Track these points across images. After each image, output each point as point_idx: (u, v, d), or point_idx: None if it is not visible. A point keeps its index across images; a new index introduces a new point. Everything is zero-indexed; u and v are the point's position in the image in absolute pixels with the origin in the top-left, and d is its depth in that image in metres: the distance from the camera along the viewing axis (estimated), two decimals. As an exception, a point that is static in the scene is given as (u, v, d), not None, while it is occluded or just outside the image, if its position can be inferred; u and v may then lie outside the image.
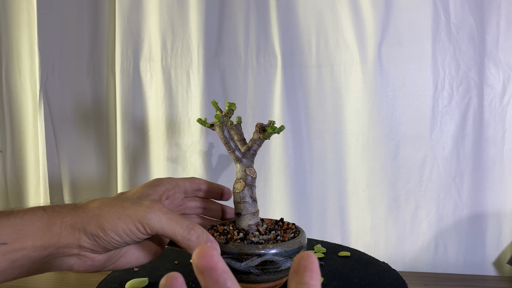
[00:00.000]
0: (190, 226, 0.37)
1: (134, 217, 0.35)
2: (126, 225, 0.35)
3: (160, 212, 0.36)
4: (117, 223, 0.35)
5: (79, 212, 0.35)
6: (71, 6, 0.82)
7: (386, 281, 0.51)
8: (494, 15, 0.70)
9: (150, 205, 0.36)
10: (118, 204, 0.36)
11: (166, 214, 0.37)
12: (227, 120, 0.49)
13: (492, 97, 0.71)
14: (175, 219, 0.37)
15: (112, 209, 0.35)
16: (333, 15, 0.74)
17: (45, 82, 0.82)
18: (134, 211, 0.36)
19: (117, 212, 0.35)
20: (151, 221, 0.36)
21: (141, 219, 0.36)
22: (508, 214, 0.72)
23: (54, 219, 0.34)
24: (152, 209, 0.36)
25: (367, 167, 0.75)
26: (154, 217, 0.36)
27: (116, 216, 0.35)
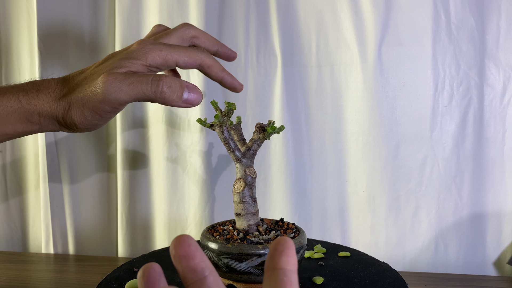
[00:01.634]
0: (155, 79, 0.34)
1: (96, 101, 0.33)
2: (94, 112, 0.34)
3: (116, 82, 0.33)
4: (84, 114, 0.34)
5: (52, 105, 0.34)
6: (71, 6, 0.82)
7: (386, 281, 0.51)
8: (494, 15, 0.69)
9: (103, 80, 0.33)
10: (84, 86, 0.34)
11: (124, 80, 0.33)
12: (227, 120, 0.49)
13: (492, 97, 0.71)
14: (136, 80, 0.34)
15: (76, 96, 0.34)
16: (333, 15, 0.74)
17: (45, 82, 0.82)
18: (92, 95, 0.33)
19: (80, 99, 0.34)
20: (113, 96, 0.33)
21: (103, 100, 0.33)
22: (509, 214, 0.72)
23: (31, 112, 0.34)
24: (107, 84, 0.33)
25: (367, 167, 0.75)
26: (113, 90, 0.33)
27: (80, 105, 0.34)
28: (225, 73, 0.42)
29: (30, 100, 0.34)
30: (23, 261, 0.81)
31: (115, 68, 0.35)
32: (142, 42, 0.36)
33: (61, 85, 0.35)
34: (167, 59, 0.36)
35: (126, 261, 0.59)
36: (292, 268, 0.25)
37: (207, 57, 0.40)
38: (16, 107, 0.34)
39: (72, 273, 0.75)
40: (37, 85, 0.35)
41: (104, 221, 0.87)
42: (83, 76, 0.36)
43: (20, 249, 0.90)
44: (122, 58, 0.35)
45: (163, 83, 0.34)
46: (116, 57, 0.36)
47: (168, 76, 0.35)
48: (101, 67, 0.35)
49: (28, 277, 0.72)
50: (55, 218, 0.86)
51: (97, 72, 0.35)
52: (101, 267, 0.77)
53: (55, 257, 0.84)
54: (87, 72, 0.36)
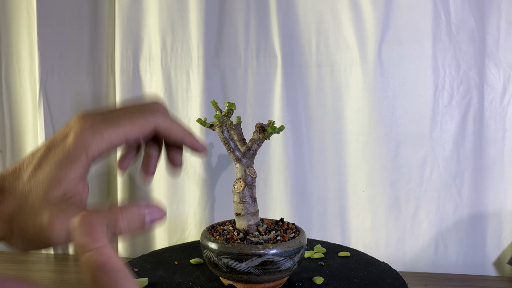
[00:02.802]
0: (111, 224, 0.27)
1: (38, 239, 0.28)
2: (35, 245, 0.29)
3: (62, 230, 0.28)
4: (27, 244, 0.29)
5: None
6: (71, 6, 0.82)
7: (386, 281, 0.51)
8: (494, 15, 0.69)
9: (50, 223, 0.28)
10: (27, 212, 0.29)
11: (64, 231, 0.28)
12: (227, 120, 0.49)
13: (492, 97, 0.71)
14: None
15: (20, 223, 0.28)
16: (333, 15, 0.74)
17: (45, 82, 0.82)
18: (36, 231, 0.28)
19: (24, 230, 0.28)
20: (58, 243, 0.28)
21: (46, 241, 0.28)
22: (509, 214, 0.72)
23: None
24: (52, 230, 0.28)
25: (367, 167, 0.75)
26: (59, 240, 0.28)
27: (23, 237, 0.29)
28: (185, 133, 0.33)
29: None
30: (23, 261, 0.80)
31: (52, 191, 0.29)
32: (80, 129, 0.29)
33: (2, 204, 0.29)
34: (111, 141, 0.29)
35: (126, 261, 0.59)
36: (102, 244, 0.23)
37: (161, 118, 0.31)
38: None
39: (72, 273, 0.75)
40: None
41: (104, 221, 0.87)
42: (21, 194, 0.29)
43: (20, 249, 0.90)
44: (57, 163, 0.29)
45: (120, 224, 0.27)
46: (51, 162, 0.29)
47: (124, 210, 0.28)
48: (37, 180, 0.29)
49: (28, 277, 0.72)
50: None
51: (33, 193, 0.29)
52: (101, 267, 0.77)
53: (55, 257, 0.83)
54: (24, 187, 0.29)
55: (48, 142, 0.30)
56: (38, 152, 0.30)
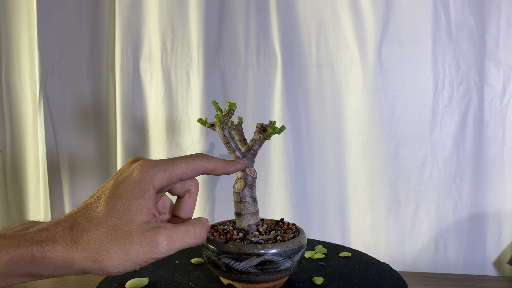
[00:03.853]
0: (199, 233, 0.36)
1: (145, 256, 0.33)
2: (135, 263, 0.33)
3: (170, 241, 0.33)
4: (124, 265, 0.32)
5: (75, 254, 0.32)
6: (71, 6, 0.82)
7: (386, 282, 0.51)
8: (494, 15, 0.69)
9: (157, 241, 0.33)
10: (123, 240, 0.33)
11: (178, 239, 0.34)
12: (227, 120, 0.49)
13: (492, 97, 0.71)
14: (186, 237, 0.35)
15: (117, 251, 0.32)
16: (333, 15, 0.74)
17: (45, 82, 0.82)
18: (144, 250, 0.33)
19: (124, 254, 0.32)
20: (165, 254, 0.34)
21: (154, 256, 0.33)
22: (508, 214, 0.72)
23: (46, 266, 0.31)
24: (161, 244, 0.33)
25: (367, 167, 0.75)
26: (167, 249, 0.33)
27: (123, 259, 0.32)
28: (228, 167, 0.41)
29: (46, 254, 0.31)
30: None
31: (141, 218, 0.34)
32: (143, 167, 0.35)
33: (75, 231, 0.33)
34: (171, 178, 0.36)
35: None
36: None
37: (208, 163, 0.38)
38: (28, 260, 0.30)
39: (72, 273, 0.75)
40: (51, 235, 0.32)
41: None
42: (104, 223, 0.33)
43: (20, 249, 0.90)
44: (135, 196, 0.34)
45: (203, 230, 0.36)
46: (127, 195, 0.34)
47: (200, 222, 0.37)
48: (119, 210, 0.33)
49: (28, 277, 0.72)
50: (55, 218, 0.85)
51: (120, 221, 0.33)
52: (101, 267, 0.77)
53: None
54: (105, 217, 0.33)
55: (113, 179, 0.35)
56: (103, 192, 0.35)
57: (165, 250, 0.33)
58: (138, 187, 0.34)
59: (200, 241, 0.36)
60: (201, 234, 0.36)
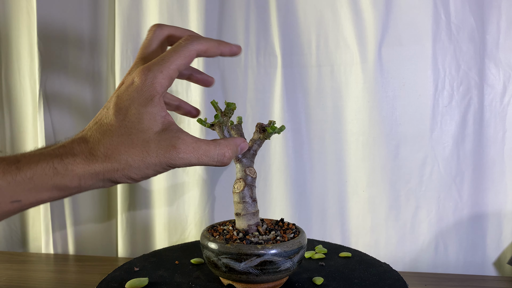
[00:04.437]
0: (220, 155, 0.36)
1: (161, 164, 0.34)
2: (154, 171, 0.34)
3: (187, 151, 0.34)
4: (145, 172, 0.34)
5: (96, 165, 0.33)
6: (71, 6, 0.82)
7: (386, 281, 0.51)
8: (494, 15, 0.69)
9: (175, 146, 0.34)
10: (140, 147, 0.33)
11: (194, 152, 0.35)
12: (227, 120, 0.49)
13: (492, 97, 0.71)
14: (204, 155, 0.35)
15: (136, 157, 0.33)
16: (333, 15, 0.74)
17: (45, 82, 0.82)
18: (161, 158, 0.34)
19: (144, 162, 0.33)
20: (179, 164, 0.35)
21: (168, 164, 0.34)
22: (509, 214, 0.72)
23: (71, 178, 0.32)
24: (179, 151, 0.34)
25: (367, 167, 0.75)
26: (182, 160, 0.34)
27: (143, 167, 0.34)
28: (221, 47, 0.39)
29: (67, 166, 0.32)
30: (23, 261, 0.81)
31: (155, 126, 0.34)
32: (141, 73, 0.35)
33: (90, 145, 0.34)
34: (170, 75, 0.35)
35: (127, 261, 0.59)
36: None
37: (198, 44, 0.37)
38: (51, 174, 0.32)
39: (72, 273, 0.75)
40: (69, 149, 0.33)
41: (104, 221, 0.87)
42: (118, 133, 0.34)
43: (20, 249, 0.90)
44: (141, 103, 0.34)
45: (227, 154, 0.36)
46: (135, 104, 0.34)
47: (228, 143, 0.37)
48: (131, 119, 0.34)
49: (28, 277, 0.72)
50: (55, 218, 0.86)
51: (134, 130, 0.34)
52: (101, 267, 0.77)
53: (55, 257, 0.83)
54: (118, 127, 0.34)
55: (115, 94, 0.35)
56: (108, 105, 0.35)
57: (179, 162, 0.34)
58: (142, 95, 0.34)
59: (219, 164, 0.36)
60: (221, 156, 0.36)
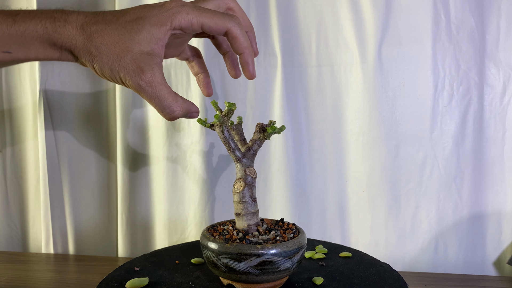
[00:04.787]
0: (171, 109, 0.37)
1: (122, 76, 0.35)
2: (112, 76, 0.36)
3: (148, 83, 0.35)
4: (105, 70, 0.35)
5: (78, 42, 0.35)
6: (71, 6, 0.82)
7: (386, 281, 0.51)
8: (494, 15, 0.69)
9: (142, 71, 0.35)
10: (119, 50, 0.35)
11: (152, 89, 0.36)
12: (227, 120, 0.49)
13: (492, 97, 0.71)
14: (158, 97, 0.36)
15: (109, 55, 0.35)
16: (333, 15, 0.74)
17: (45, 82, 0.82)
18: (125, 70, 0.35)
19: (110, 63, 0.35)
20: (133, 87, 0.36)
21: (126, 81, 0.35)
22: (508, 214, 0.72)
23: (55, 40, 0.34)
24: (141, 78, 0.35)
25: (367, 167, 0.75)
26: (138, 87, 0.35)
27: (108, 66, 0.35)
28: (247, 50, 0.40)
29: (56, 29, 0.34)
30: (23, 261, 0.81)
31: (145, 45, 0.35)
32: (171, 2, 0.37)
33: (90, 19, 0.35)
34: (192, 23, 0.36)
35: (127, 261, 0.59)
36: None
37: (235, 26, 0.38)
38: (41, 33, 0.34)
39: (72, 273, 0.75)
40: (65, 14, 0.35)
41: (104, 221, 0.87)
42: (115, 30, 0.35)
43: (20, 249, 0.90)
44: (152, 23, 0.36)
45: (176, 113, 0.37)
46: (147, 19, 0.36)
47: (185, 103, 0.38)
48: (133, 28, 0.35)
49: (28, 277, 0.72)
50: (55, 218, 0.86)
51: (128, 37, 0.35)
52: (101, 267, 0.77)
53: (55, 257, 0.84)
54: (120, 26, 0.35)
55: (142, 6, 0.37)
56: (132, 8, 0.37)
57: (135, 85, 0.35)
58: (157, 17, 0.36)
59: (164, 116, 0.37)
60: (171, 112, 0.37)
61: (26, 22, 0.34)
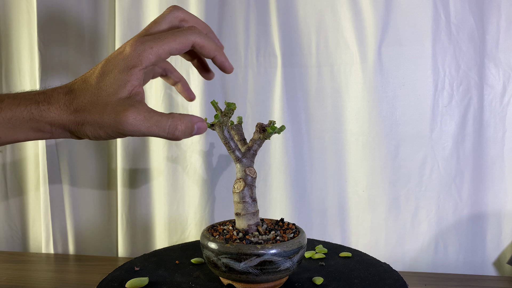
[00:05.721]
0: (172, 127, 0.37)
1: (113, 129, 0.36)
2: (106, 133, 0.36)
3: (136, 122, 0.35)
4: (98, 132, 0.36)
5: (64, 118, 0.36)
6: (71, 6, 0.82)
7: (386, 281, 0.51)
8: (494, 15, 0.69)
9: (123, 118, 0.35)
10: (100, 108, 0.36)
11: (144, 123, 0.36)
12: (227, 120, 0.49)
13: (492, 97, 0.71)
14: (154, 124, 0.36)
15: (94, 116, 0.35)
16: (333, 15, 0.74)
17: (45, 82, 0.82)
18: (111, 121, 0.35)
19: (98, 121, 0.36)
20: (130, 132, 0.36)
21: (120, 131, 0.36)
22: (508, 214, 0.72)
23: (43, 124, 0.36)
24: (128, 117, 0.35)
25: (367, 167, 0.75)
26: (131, 128, 0.36)
27: (97, 126, 0.36)
28: (217, 52, 0.41)
29: (42, 113, 0.36)
30: (23, 261, 0.81)
31: (121, 92, 0.36)
32: (133, 44, 0.37)
33: (69, 96, 0.37)
34: (159, 54, 0.37)
35: (127, 261, 0.59)
36: None
37: (198, 37, 0.39)
38: (28, 118, 0.35)
39: (72, 273, 0.75)
40: (48, 97, 0.37)
41: (104, 221, 0.87)
42: (92, 93, 0.36)
43: (20, 249, 0.90)
44: (121, 70, 0.36)
45: (178, 131, 0.37)
46: (115, 70, 0.36)
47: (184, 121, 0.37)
48: (106, 83, 0.36)
49: (28, 277, 0.72)
50: (55, 218, 0.86)
51: (103, 92, 0.36)
52: (101, 267, 0.77)
53: (55, 257, 0.84)
54: (94, 88, 0.37)
55: (106, 58, 0.37)
56: (98, 66, 0.38)
57: (129, 128, 0.35)
58: (125, 63, 0.36)
59: (170, 136, 0.37)
60: (173, 129, 0.37)
61: (12, 109, 0.35)
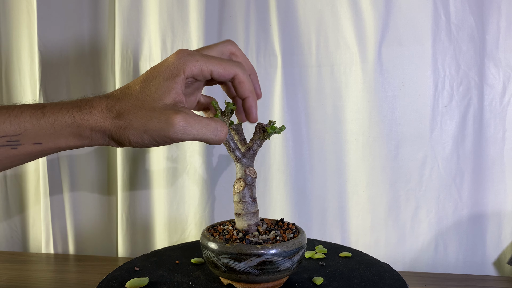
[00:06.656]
0: (219, 130, 0.38)
1: (160, 134, 0.36)
2: (153, 140, 0.36)
3: (186, 126, 0.36)
4: (142, 137, 0.36)
5: (106, 121, 0.36)
6: (71, 6, 0.82)
7: (386, 281, 0.51)
8: (494, 15, 0.69)
9: (173, 121, 0.35)
10: (146, 112, 0.36)
11: (194, 126, 0.36)
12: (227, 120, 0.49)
13: (492, 97, 0.71)
14: (205, 127, 0.37)
15: (140, 119, 0.36)
16: (333, 15, 0.74)
17: (45, 82, 0.82)
18: (161, 124, 0.36)
19: (144, 125, 0.36)
20: (179, 136, 0.36)
21: (168, 137, 0.36)
22: (508, 214, 0.72)
23: (84, 128, 0.36)
24: (176, 126, 0.35)
25: (367, 167, 0.75)
26: (181, 132, 0.36)
27: (142, 130, 0.36)
28: (251, 95, 0.42)
29: (83, 116, 0.36)
30: (23, 261, 0.81)
31: (167, 98, 0.37)
32: (180, 53, 0.38)
33: (112, 100, 0.37)
34: (202, 69, 0.38)
35: (127, 261, 0.59)
36: None
37: (242, 72, 0.40)
38: (70, 122, 0.36)
39: (72, 273, 0.75)
40: (89, 101, 0.37)
41: (104, 221, 0.87)
42: (136, 98, 0.37)
43: (20, 249, 0.90)
44: (165, 77, 0.37)
45: (224, 129, 0.39)
46: (160, 76, 0.37)
47: (222, 122, 0.39)
48: (150, 88, 0.37)
49: (28, 277, 0.72)
50: (55, 218, 0.86)
51: (148, 97, 0.37)
52: (101, 267, 0.77)
53: (55, 257, 0.84)
54: (138, 93, 0.37)
55: (151, 67, 0.39)
56: (142, 75, 0.39)
57: (179, 131, 0.36)
58: (169, 70, 0.37)
59: (218, 138, 0.39)
60: (220, 132, 0.38)
61: (55, 113, 0.36)
